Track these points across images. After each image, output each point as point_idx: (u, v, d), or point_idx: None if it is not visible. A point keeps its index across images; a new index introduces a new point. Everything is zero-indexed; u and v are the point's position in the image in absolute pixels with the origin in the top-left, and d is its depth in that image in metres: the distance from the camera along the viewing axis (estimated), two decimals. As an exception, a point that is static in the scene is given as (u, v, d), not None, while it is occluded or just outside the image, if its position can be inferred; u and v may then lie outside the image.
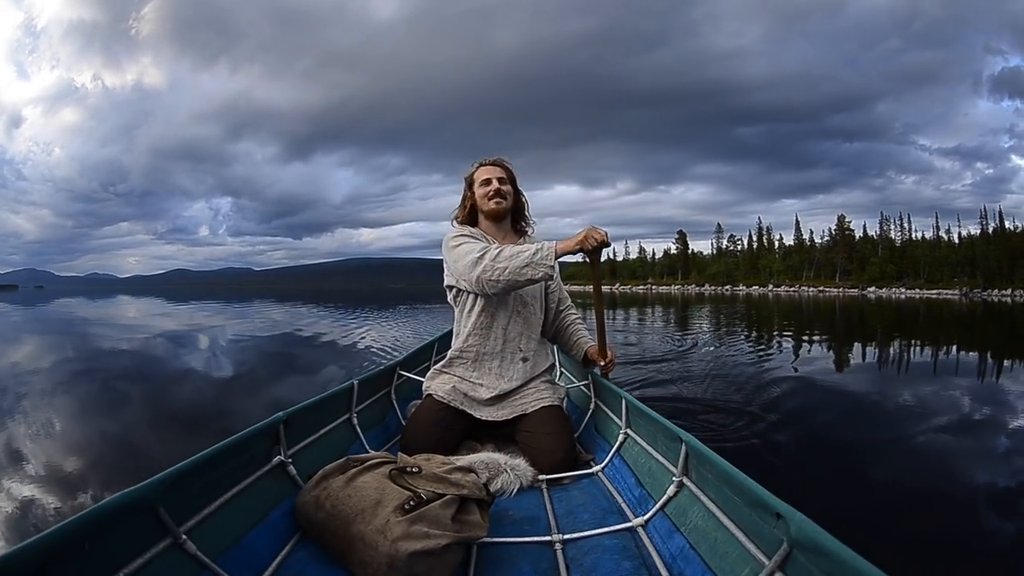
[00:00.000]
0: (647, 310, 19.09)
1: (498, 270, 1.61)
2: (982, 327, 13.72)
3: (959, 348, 8.74)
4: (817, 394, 4.62)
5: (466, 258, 1.66)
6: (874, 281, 60.10)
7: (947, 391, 4.79)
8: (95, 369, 5.66)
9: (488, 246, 1.69)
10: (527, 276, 1.60)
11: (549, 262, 1.59)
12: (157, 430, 3.28)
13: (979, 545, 1.89)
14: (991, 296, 45.38)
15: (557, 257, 1.62)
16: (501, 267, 1.61)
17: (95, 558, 0.77)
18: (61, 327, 12.16)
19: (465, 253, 1.68)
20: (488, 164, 1.90)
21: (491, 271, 1.62)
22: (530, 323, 1.86)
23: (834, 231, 68.63)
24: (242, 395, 4.40)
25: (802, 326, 12.66)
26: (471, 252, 1.66)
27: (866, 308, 24.22)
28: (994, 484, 2.54)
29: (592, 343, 1.96)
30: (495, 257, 1.62)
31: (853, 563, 0.67)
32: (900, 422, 3.74)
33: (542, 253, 1.59)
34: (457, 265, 1.71)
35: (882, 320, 16.08)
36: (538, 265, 1.59)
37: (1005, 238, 57.14)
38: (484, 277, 1.63)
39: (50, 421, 3.36)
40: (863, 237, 67.98)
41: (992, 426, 3.63)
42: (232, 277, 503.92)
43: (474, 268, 1.64)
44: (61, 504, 2.07)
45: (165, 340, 8.80)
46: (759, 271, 70.83)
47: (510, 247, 1.66)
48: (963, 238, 62.21)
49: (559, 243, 1.63)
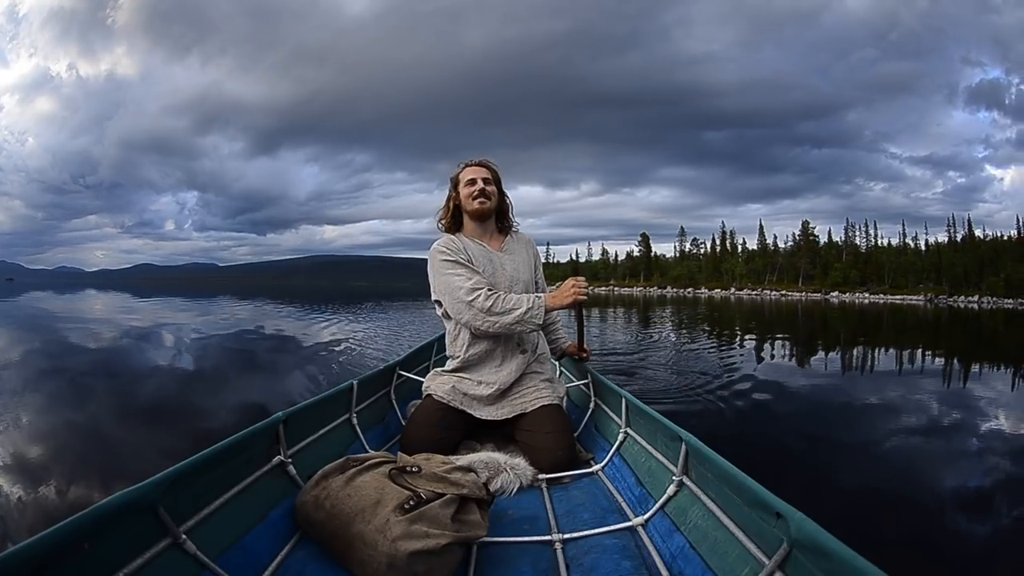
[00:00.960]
0: (609, 310, 19.35)
1: (488, 323, 1.67)
2: (957, 331, 13.94)
3: (948, 351, 8.81)
4: (816, 395, 4.62)
5: (456, 294, 1.70)
6: (837, 286, 60.63)
7: (946, 393, 4.80)
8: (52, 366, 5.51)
9: (478, 284, 1.69)
10: (516, 330, 1.71)
11: (538, 320, 1.68)
12: (157, 430, 3.28)
13: (979, 545, 1.89)
14: (957, 302, 46.05)
15: (546, 313, 1.70)
16: (492, 321, 1.67)
17: (95, 558, 0.77)
18: (40, 322, 11.94)
19: (455, 288, 1.70)
20: (473, 165, 1.90)
21: (481, 321, 1.68)
22: None
23: (798, 236, 69.56)
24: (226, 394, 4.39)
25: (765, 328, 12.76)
26: (460, 289, 1.69)
27: (829, 312, 24.52)
28: (994, 484, 2.54)
29: (569, 342, 2.15)
30: (486, 309, 1.66)
31: (853, 563, 0.67)
32: (901, 421, 3.75)
33: (532, 312, 1.66)
34: (446, 299, 1.75)
35: (845, 324, 16.29)
36: (527, 323, 1.68)
37: (974, 246, 57.92)
38: (474, 324, 1.70)
39: (48, 421, 3.35)
40: (828, 243, 68.83)
41: (993, 425, 3.63)
42: (197, 272, 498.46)
43: (464, 312, 1.70)
44: (61, 504, 2.07)
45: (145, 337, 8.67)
46: (721, 274, 71.51)
47: (502, 298, 1.68)
48: (930, 245, 63.25)
49: (548, 299, 1.70)
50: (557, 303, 1.70)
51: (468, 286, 1.68)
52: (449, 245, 1.78)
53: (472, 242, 1.85)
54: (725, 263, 73.20)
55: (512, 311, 1.65)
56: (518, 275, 1.85)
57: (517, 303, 1.67)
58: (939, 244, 62.05)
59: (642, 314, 17.70)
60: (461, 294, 1.68)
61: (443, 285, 1.75)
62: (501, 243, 1.91)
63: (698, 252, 79.47)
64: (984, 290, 51.44)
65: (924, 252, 62.82)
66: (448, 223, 1.90)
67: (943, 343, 10.70)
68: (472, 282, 1.69)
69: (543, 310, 1.67)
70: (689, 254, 79.72)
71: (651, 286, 72.90)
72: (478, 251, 1.82)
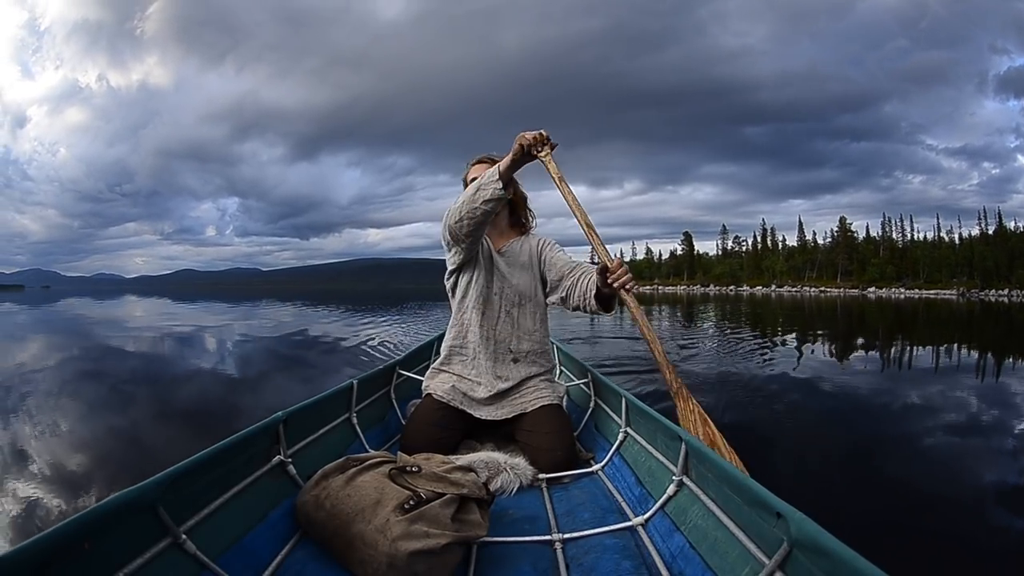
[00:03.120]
0: (653, 308, 19.50)
1: (455, 211, 1.65)
2: (980, 326, 13.89)
3: (959, 346, 8.80)
4: (819, 392, 4.62)
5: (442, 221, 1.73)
6: (874, 282, 61.40)
7: (949, 389, 4.80)
8: (96, 369, 5.66)
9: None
10: (481, 199, 1.58)
11: (493, 178, 1.57)
12: (157, 429, 3.28)
13: (979, 544, 1.89)
14: (988, 296, 46.46)
15: (503, 173, 1.57)
16: (457, 207, 1.65)
17: (95, 558, 0.77)
18: (66, 327, 12.12)
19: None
20: (477, 162, 1.89)
21: (453, 216, 1.66)
22: (521, 325, 1.84)
23: (836, 232, 69.93)
24: (242, 394, 4.40)
25: (804, 325, 12.76)
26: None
27: (867, 307, 24.59)
28: (995, 483, 2.54)
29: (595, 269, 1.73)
30: (455, 207, 1.66)
31: (853, 563, 0.67)
32: (902, 421, 3.75)
33: (486, 174, 1.61)
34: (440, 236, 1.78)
35: (883, 319, 16.33)
36: (485, 187, 1.58)
37: (1004, 238, 58.00)
38: (450, 224, 1.67)
39: (52, 421, 3.36)
40: (865, 238, 69.16)
41: (993, 425, 3.63)
42: (239, 277, 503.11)
43: (444, 225, 1.71)
44: (61, 504, 2.07)
45: (170, 340, 8.79)
46: (763, 272, 72.23)
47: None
48: (964, 239, 63.15)
49: (501, 163, 1.60)
50: (506, 159, 1.59)
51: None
52: None
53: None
54: (766, 260, 73.94)
55: (468, 191, 1.62)
56: (511, 278, 1.85)
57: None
58: (972, 237, 62.21)
59: (685, 314, 17.39)
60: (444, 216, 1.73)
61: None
62: (505, 243, 1.90)
63: (740, 250, 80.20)
64: (1014, 283, 51.83)
65: (958, 246, 62.84)
66: None
67: (963, 337, 10.68)
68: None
69: (496, 169, 1.58)
70: (731, 252, 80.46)
71: (694, 284, 74.21)
72: (484, 244, 1.84)
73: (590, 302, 1.70)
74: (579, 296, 1.74)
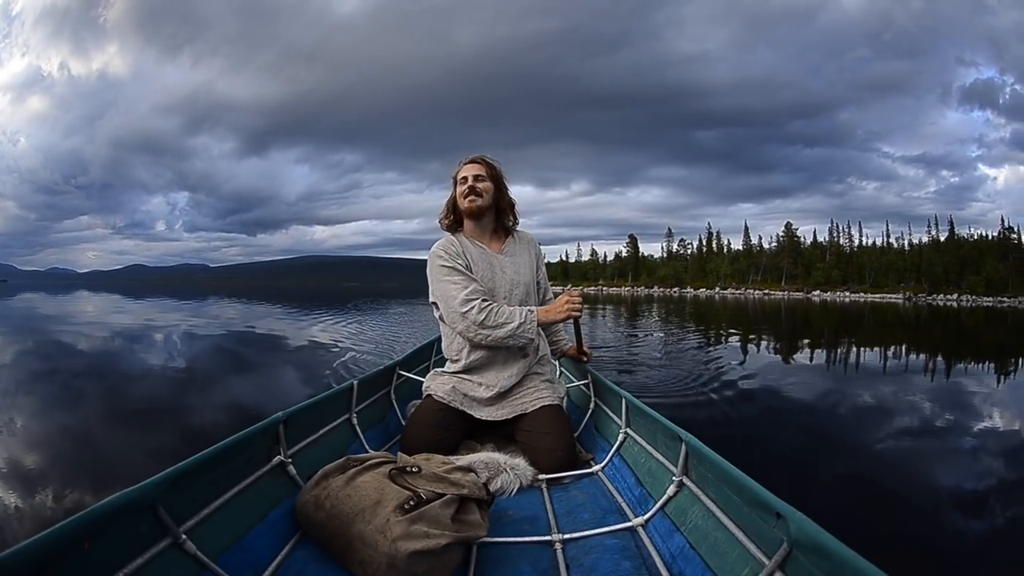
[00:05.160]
0: (598, 307, 19.95)
1: (481, 335, 1.68)
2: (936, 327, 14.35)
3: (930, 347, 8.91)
4: (813, 394, 4.63)
5: (451, 304, 1.70)
6: (819, 285, 62.37)
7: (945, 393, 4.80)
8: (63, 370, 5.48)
9: (472, 295, 1.68)
10: (508, 344, 1.70)
11: (530, 335, 1.69)
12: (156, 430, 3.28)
13: (978, 543, 1.89)
14: (935, 300, 47.60)
15: (539, 327, 1.71)
16: (484, 333, 1.67)
17: (95, 558, 0.77)
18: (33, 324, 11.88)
19: (451, 297, 1.70)
20: (467, 162, 1.87)
21: (474, 333, 1.68)
22: None
23: (782, 237, 71.44)
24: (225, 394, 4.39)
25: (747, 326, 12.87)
26: (455, 299, 1.69)
27: (811, 310, 24.93)
28: (991, 481, 2.54)
29: (570, 344, 2.16)
30: (479, 323, 1.66)
31: (853, 563, 0.67)
32: (902, 421, 3.75)
33: (524, 327, 1.67)
34: (442, 306, 1.75)
35: (827, 320, 16.63)
36: (519, 337, 1.68)
37: (956, 245, 59.68)
38: (468, 335, 1.70)
39: (46, 422, 3.35)
40: (812, 243, 70.75)
41: (992, 427, 3.63)
42: (188, 273, 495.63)
43: (458, 322, 1.69)
44: (61, 505, 2.07)
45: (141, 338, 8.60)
46: (707, 274, 73.55)
47: (495, 310, 1.68)
48: (913, 245, 64.87)
49: (541, 313, 1.71)
50: (550, 318, 1.73)
51: (463, 296, 1.67)
52: (448, 249, 1.76)
53: (472, 244, 1.84)
54: (710, 263, 75.22)
55: (504, 325, 1.66)
56: (518, 278, 1.84)
57: (509, 317, 1.67)
58: (921, 244, 64.03)
59: (630, 311, 18.32)
60: (456, 304, 1.68)
61: (440, 291, 1.74)
62: (502, 244, 1.90)
63: (685, 252, 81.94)
64: (963, 288, 53.04)
65: (907, 251, 64.45)
66: (449, 222, 1.90)
67: (924, 339, 10.95)
68: (467, 291, 1.68)
69: (535, 324, 1.69)
70: (676, 254, 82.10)
71: (639, 286, 75.22)
72: (477, 254, 1.81)
73: (555, 352, 2.12)
74: (548, 341, 2.04)
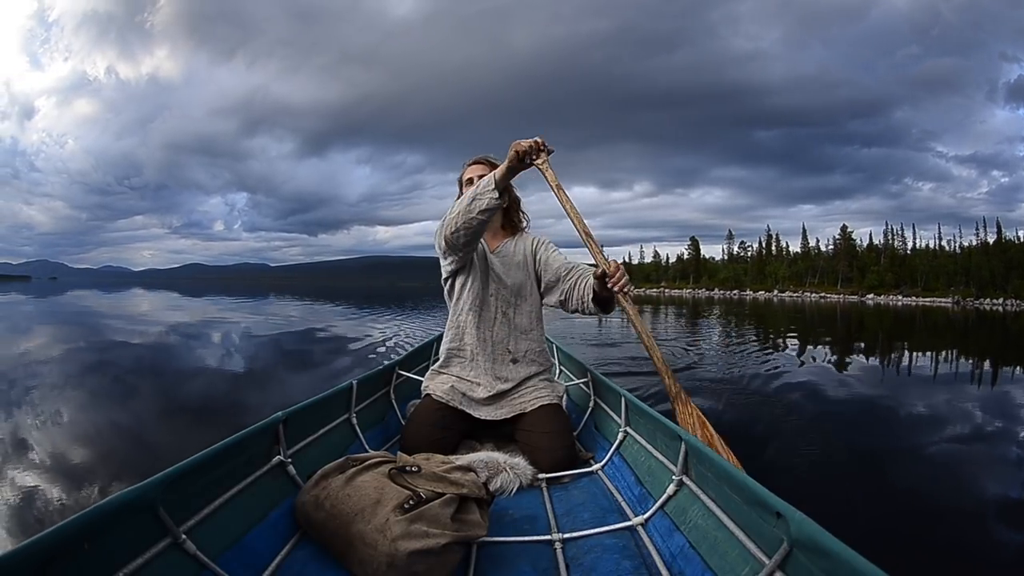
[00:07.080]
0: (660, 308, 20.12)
1: (451, 221, 1.63)
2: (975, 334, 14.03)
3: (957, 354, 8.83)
4: (819, 394, 4.62)
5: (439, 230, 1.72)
6: (873, 288, 63.17)
7: (948, 395, 4.81)
8: (100, 361, 5.63)
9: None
10: (477, 209, 1.57)
11: (489, 187, 1.56)
12: (157, 428, 3.28)
13: (978, 546, 1.89)
14: (983, 305, 47.90)
15: (498, 181, 1.55)
16: (453, 217, 1.63)
17: (95, 558, 0.77)
18: (72, 319, 12.10)
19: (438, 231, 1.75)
20: (472, 163, 1.89)
21: (449, 226, 1.64)
22: (517, 325, 1.85)
23: (838, 239, 72.35)
24: (245, 392, 4.39)
25: (806, 329, 12.81)
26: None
27: (865, 313, 24.97)
28: (992, 487, 2.54)
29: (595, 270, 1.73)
30: (451, 216, 1.64)
31: (853, 563, 0.67)
32: (902, 423, 3.75)
33: (482, 183, 1.59)
34: (436, 239, 1.76)
35: (880, 324, 16.47)
36: (481, 196, 1.57)
37: (1002, 248, 59.53)
38: (446, 234, 1.66)
39: (50, 417, 3.35)
40: (868, 246, 71.29)
41: (993, 431, 3.64)
42: (247, 272, 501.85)
43: (439, 234, 1.71)
44: (60, 503, 2.06)
45: (175, 335, 8.73)
46: (766, 277, 74.78)
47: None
48: (963, 248, 64.98)
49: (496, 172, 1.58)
50: (502, 167, 1.56)
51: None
52: None
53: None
54: (769, 266, 76.51)
55: (466, 195, 1.61)
56: (506, 278, 1.85)
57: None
58: (971, 247, 64.15)
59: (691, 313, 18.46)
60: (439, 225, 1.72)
61: (437, 240, 1.77)
62: (500, 242, 1.91)
63: (745, 255, 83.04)
64: (1009, 292, 53.01)
65: (958, 255, 64.65)
66: None
67: (959, 344, 10.76)
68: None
69: (492, 177, 1.57)
70: (736, 257, 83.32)
71: (699, 288, 76.75)
72: (478, 249, 1.83)
73: (588, 305, 1.74)
74: (578, 299, 1.78)
